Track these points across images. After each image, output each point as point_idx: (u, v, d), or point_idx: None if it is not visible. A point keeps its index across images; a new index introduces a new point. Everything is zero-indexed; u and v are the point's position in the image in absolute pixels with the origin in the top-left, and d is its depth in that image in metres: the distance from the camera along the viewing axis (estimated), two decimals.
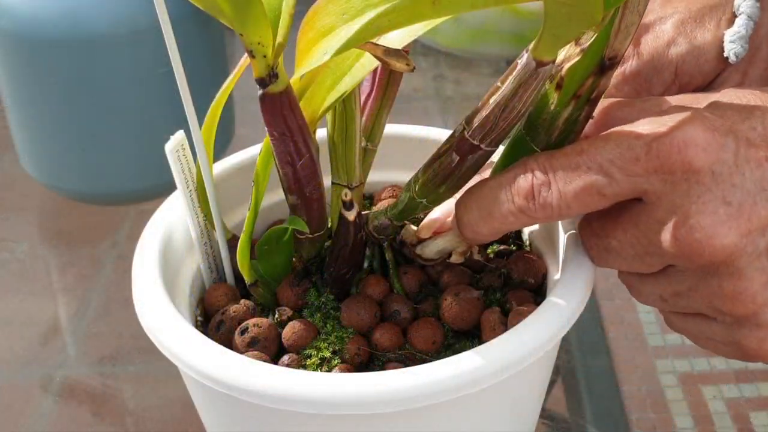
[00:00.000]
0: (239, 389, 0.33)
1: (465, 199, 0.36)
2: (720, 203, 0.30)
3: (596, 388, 0.56)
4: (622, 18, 0.32)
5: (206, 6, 0.30)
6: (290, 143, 0.35)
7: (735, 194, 0.30)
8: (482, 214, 0.35)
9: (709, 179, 0.30)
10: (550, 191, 0.33)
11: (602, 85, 0.34)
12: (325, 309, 0.39)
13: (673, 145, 0.30)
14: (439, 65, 0.95)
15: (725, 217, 0.30)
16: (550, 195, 0.33)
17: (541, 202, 0.33)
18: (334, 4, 0.31)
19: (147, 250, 0.39)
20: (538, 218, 0.34)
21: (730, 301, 0.32)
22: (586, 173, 0.32)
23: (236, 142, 0.73)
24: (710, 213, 0.30)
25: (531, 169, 0.33)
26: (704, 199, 0.31)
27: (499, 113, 0.33)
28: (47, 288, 0.66)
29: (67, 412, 0.55)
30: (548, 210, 0.33)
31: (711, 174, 0.30)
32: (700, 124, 0.31)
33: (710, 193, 0.30)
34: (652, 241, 0.32)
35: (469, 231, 0.36)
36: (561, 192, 0.32)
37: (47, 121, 0.65)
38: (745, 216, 0.30)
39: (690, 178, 0.31)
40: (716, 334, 0.34)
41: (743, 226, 0.30)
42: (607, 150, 0.32)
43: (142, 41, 0.62)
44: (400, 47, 0.33)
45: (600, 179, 0.32)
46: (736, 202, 0.30)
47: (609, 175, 0.31)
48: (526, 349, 0.33)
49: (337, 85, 0.36)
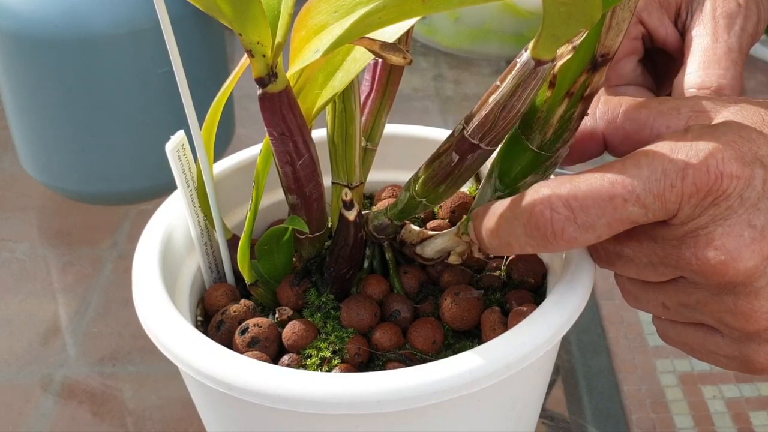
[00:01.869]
0: (239, 389, 0.33)
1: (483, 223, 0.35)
2: (745, 226, 0.31)
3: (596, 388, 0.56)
4: (614, 14, 0.32)
5: (206, 6, 0.30)
6: (290, 143, 0.35)
7: (759, 218, 0.31)
8: (502, 243, 0.34)
9: (738, 204, 0.31)
10: (577, 227, 0.32)
11: (595, 82, 0.34)
12: (326, 309, 0.39)
13: (710, 174, 0.31)
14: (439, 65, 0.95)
15: (749, 240, 0.31)
16: (576, 231, 0.32)
17: (566, 238, 0.32)
18: (326, 3, 0.31)
19: (147, 250, 0.39)
20: (559, 250, 0.33)
21: (743, 318, 0.32)
22: (623, 206, 0.31)
23: (236, 142, 0.73)
24: (736, 236, 0.31)
25: (552, 204, 0.32)
26: (730, 222, 0.31)
27: (499, 112, 0.33)
28: (47, 288, 0.65)
29: (67, 412, 0.55)
30: (573, 243, 0.32)
31: (740, 199, 0.31)
32: (732, 151, 0.31)
33: (736, 216, 0.31)
34: (670, 254, 0.32)
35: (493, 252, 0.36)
36: (592, 225, 0.31)
37: (47, 121, 0.65)
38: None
39: (720, 203, 0.31)
40: (719, 347, 0.35)
41: (766, 249, 0.31)
42: (642, 180, 0.31)
43: (142, 41, 0.62)
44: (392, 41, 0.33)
45: (636, 211, 0.31)
46: (760, 225, 0.31)
47: (646, 206, 0.31)
48: (526, 349, 0.33)
49: (330, 81, 0.36)
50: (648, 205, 0.31)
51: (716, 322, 0.34)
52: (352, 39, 0.31)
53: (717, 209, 0.31)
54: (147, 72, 0.63)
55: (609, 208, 0.31)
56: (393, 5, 0.28)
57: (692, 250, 0.32)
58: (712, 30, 0.41)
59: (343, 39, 0.30)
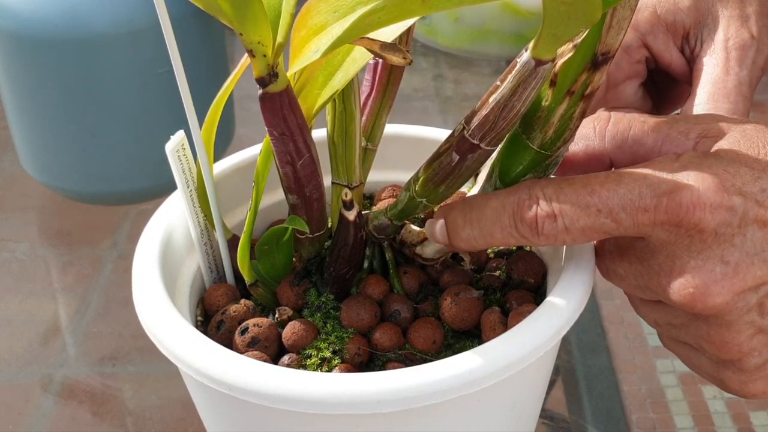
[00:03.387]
0: (239, 389, 0.33)
1: (464, 213, 0.36)
2: (718, 262, 0.31)
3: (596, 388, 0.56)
4: (614, 13, 0.32)
5: (206, 6, 0.30)
6: (290, 143, 0.35)
7: (733, 254, 0.31)
8: (483, 233, 0.35)
9: (712, 239, 0.31)
10: (555, 224, 0.33)
11: (596, 81, 0.34)
12: (325, 309, 0.39)
13: (682, 205, 0.31)
14: (439, 65, 0.95)
15: (720, 276, 0.31)
16: (554, 228, 0.33)
17: (545, 233, 0.33)
18: (326, 3, 0.31)
19: (147, 250, 0.39)
20: (539, 245, 0.35)
21: (716, 347, 0.33)
22: (596, 215, 0.32)
23: (236, 142, 0.73)
24: (707, 270, 0.31)
25: (536, 198, 0.33)
26: (703, 255, 0.31)
27: (499, 112, 0.33)
28: (47, 288, 0.65)
29: (67, 412, 0.55)
30: (551, 240, 0.33)
31: (714, 234, 0.31)
32: (712, 183, 0.31)
33: (710, 250, 0.31)
34: (652, 279, 0.33)
35: (464, 244, 0.36)
36: (567, 228, 0.33)
37: (47, 121, 0.65)
38: (740, 276, 0.31)
39: (694, 235, 0.31)
40: (703, 365, 0.36)
41: (737, 285, 0.31)
42: (618, 196, 0.32)
43: (142, 41, 0.62)
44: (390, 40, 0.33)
45: (608, 223, 0.32)
46: (733, 262, 0.31)
47: (617, 221, 0.32)
48: (526, 349, 0.33)
49: (330, 81, 0.36)
50: (620, 221, 0.32)
51: (697, 345, 0.35)
52: (352, 39, 0.31)
53: (691, 240, 0.32)
54: (147, 72, 0.63)
55: (584, 214, 0.32)
56: (393, 5, 0.28)
57: (666, 278, 0.33)
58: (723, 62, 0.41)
59: (343, 39, 0.30)
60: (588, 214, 0.32)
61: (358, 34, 0.31)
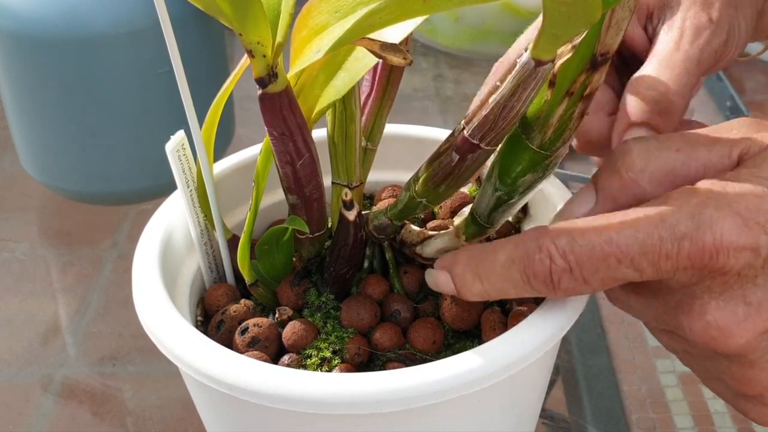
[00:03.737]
0: (239, 389, 0.33)
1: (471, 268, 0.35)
2: (740, 303, 0.31)
3: (596, 388, 0.56)
4: (613, 13, 0.32)
5: (206, 6, 0.30)
6: (290, 143, 0.35)
7: (756, 294, 0.30)
8: (496, 288, 0.34)
9: (734, 280, 0.31)
10: (573, 279, 0.32)
11: (595, 81, 0.34)
12: (326, 309, 0.39)
13: (705, 250, 0.30)
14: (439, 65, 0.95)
15: (743, 317, 0.31)
16: (572, 282, 0.32)
17: (563, 288, 0.32)
18: (327, 3, 0.31)
19: (147, 250, 0.39)
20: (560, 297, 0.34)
21: (739, 383, 0.33)
22: (616, 266, 0.31)
23: (236, 142, 0.73)
24: (729, 312, 0.31)
25: (548, 252, 0.32)
26: (725, 297, 0.31)
27: (499, 112, 0.33)
28: (47, 288, 0.65)
29: (67, 412, 0.55)
30: (570, 293, 0.33)
31: (738, 275, 0.30)
32: (734, 224, 0.30)
33: (732, 291, 0.31)
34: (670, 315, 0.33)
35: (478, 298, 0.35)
36: (587, 280, 0.32)
37: (47, 121, 0.65)
38: (763, 315, 0.30)
39: (716, 278, 0.31)
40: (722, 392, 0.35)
41: (759, 326, 0.31)
42: (638, 244, 0.31)
43: (142, 41, 0.62)
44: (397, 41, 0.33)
45: (630, 272, 0.31)
46: (756, 302, 0.30)
47: (639, 269, 0.31)
48: (526, 349, 0.33)
49: (332, 81, 0.36)
50: (642, 269, 0.31)
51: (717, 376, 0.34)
52: (353, 39, 0.31)
53: (713, 282, 0.31)
54: (147, 72, 0.63)
55: (603, 266, 0.31)
56: (394, 5, 0.28)
57: (687, 319, 0.32)
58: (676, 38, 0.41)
59: (345, 39, 0.30)
60: (608, 266, 0.31)
61: (360, 34, 0.31)
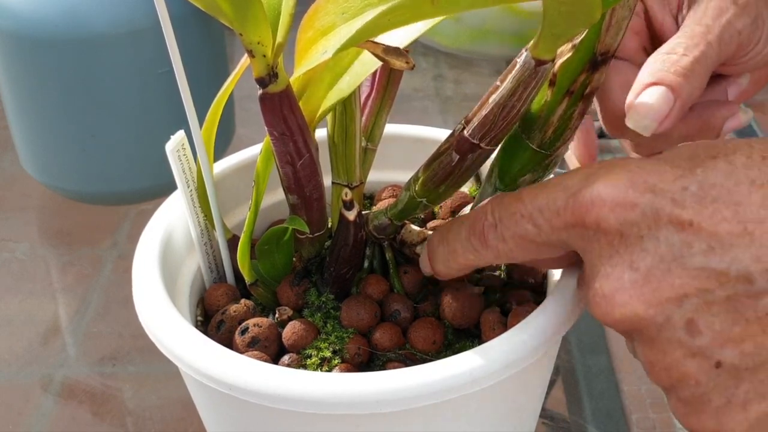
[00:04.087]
0: (239, 389, 0.33)
1: (441, 234, 0.36)
2: (626, 268, 0.28)
3: (596, 388, 0.56)
4: (613, 13, 0.32)
5: (206, 6, 0.30)
6: (290, 143, 0.35)
7: (644, 260, 0.28)
8: (449, 249, 0.35)
9: (618, 241, 0.29)
10: (496, 235, 0.33)
11: (595, 81, 0.34)
12: (326, 309, 0.39)
13: (583, 203, 0.29)
14: (439, 65, 0.95)
15: (628, 284, 0.28)
16: (496, 238, 0.33)
17: (489, 244, 0.33)
18: (334, 4, 0.31)
19: (147, 250, 0.39)
20: (490, 259, 0.34)
21: (650, 370, 0.30)
22: (520, 221, 0.32)
23: (236, 142, 0.73)
24: (615, 278, 0.29)
25: (486, 210, 0.33)
26: (612, 262, 0.29)
27: (499, 112, 0.33)
28: (47, 288, 0.65)
29: (67, 412, 0.55)
30: (495, 252, 0.33)
31: (620, 236, 0.29)
32: (616, 180, 0.29)
33: (618, 256, 0.29)
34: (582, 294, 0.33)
35: (440, 266, 0.36)
36: (504, 237, 0.33)
37: (47, 121, 0.65)
38: (654, 284, 0.28)
39: (600, 238, 0.29)
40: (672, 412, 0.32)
41: (649, 296, 0.28)
42: (537, 201, 0.31)
43: (142, 41, 0.62)
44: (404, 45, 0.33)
45: (530, 229, 0.32)
46: (644, 268, 0.28)
47: (537, 226, 0.31)
48: (526, 349, 0.33)
49: (336, 84, 0.36)
50: (539, 226, 0.31)
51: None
52: (361, 41, 0.31)
53: (600, 245, 0.29)
54: (147, 72, 0.63)
55: (512, 222, 0.32)
56: (403, 7, 0.28)
57: (584, 290, 0.31)
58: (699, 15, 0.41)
59: (353, 41, 0.30)
60: (515, 222, 0.32)
61: (368, 36, 0.31)
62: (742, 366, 0.27)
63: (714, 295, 0.27)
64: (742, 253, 0.27)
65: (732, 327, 0.27)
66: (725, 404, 0.28)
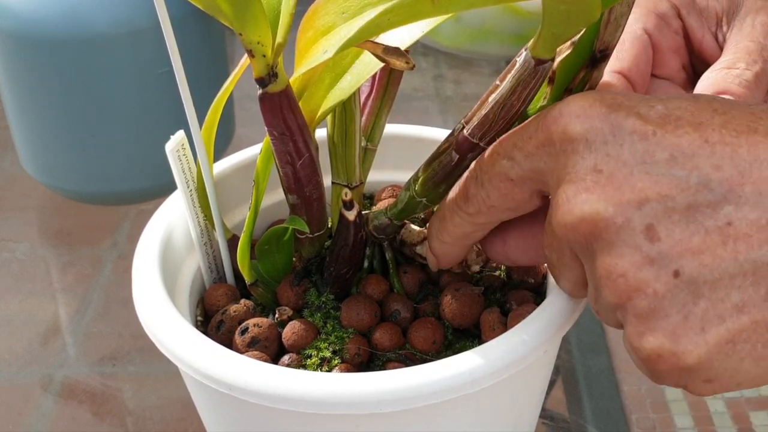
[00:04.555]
0: (239, 389, 0.33)
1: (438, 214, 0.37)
2: (590, 170, 0.29)
3: (596, 388, 0.56)
4: (612, 10, 0.32)
5: (206, 6, 0.30)
6: (290, 143, 0.35)
7: (608, 163, 0.28)
8: (440, 218, 0.36)
9: (583, 147, 0.29)
10: (476, 183, 0.33)
11: (594, 78, 0.33)
12: (326, 309, 0.39)
13: (551, 116, 0.30)
14: (439, 65, 0.95)
15: (591, 183, 0.29)
16: (474, 186, 0.33)
17: (469, 196, 0.33)
18: (334, 4, 0.31)
19: (147, 250, 0.39)
20: (471, 214, 0.34)
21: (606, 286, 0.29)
22: (497, 159, 0.32)
23: (236, 141, 0.73)
24: (578, 179, 0.29)
25: (470, 168, 0.34)
26: (577, 168, 0.29)
27: (498, 111, 0.33)
28: (47, 288, 0.65)
29: (67, 412, 0.55)
30: (475, 203, 0.33)
31: (585, 142, 0.29)
32: (586, 97, 0.30)
33: (583, 161, 0.29)
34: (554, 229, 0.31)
35: (434, 242, 0.37)
36: (482, 182, 0.33)
37: (47, 121, 0.65)
38: (615, 185, 0.28)
39: (567, 148, 0.30)
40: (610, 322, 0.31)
41: (610, 195, 0.28)
42: (514, 135, 0.32)
43: (142, 41, 0.62)
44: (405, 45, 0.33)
45: (505, 163, 0.32)
46: (607, 170, 0.28)
47: (512, 158, 0.32)
48: (526, 349, 0.33)
49: (337, 83, 0.36)
50: (513, 157, 0.31)
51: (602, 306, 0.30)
52: (361, 41, 0.31)
53: (565, 155, 0.30)
54: (147, 72, 0.63)
55: (489, 163, 0.32)
56: (402, 7, 0.28)
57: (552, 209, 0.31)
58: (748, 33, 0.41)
59: (352, 41, 0.30)
60: (492, 163, 0.32)
61: (368, 36, 0.31)
62: (700, 279, 0.27)
63: (675, 201, 0.27)
64: (703, 162, 0.27)
65: (692, 236, 0.27)
66: (682, 321, 0.27)
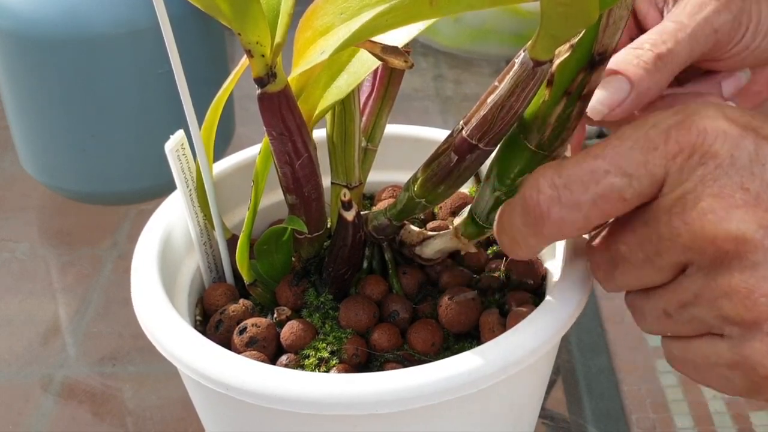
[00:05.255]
0: (237, 389, 0.33)
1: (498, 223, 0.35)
2: (737, 188, 0.28)
3: (596, 388, 0.56)
4: (611, 13, 0.32)
5: (205, 6, 0.30)
6: (289, 143, 0.35)
7: (754, 182, 0.28)
8: (510, 240, 0.34)
9: (728, 163, 0.29)
10: (562, 206, 0.31)
11: (593, 81, 0.33)
12: (324, 309, 0.39)
13: (692, 130, 0.29)
14: (439, 65, 0.95)
15: (741, 202, 0.28)
16: (562, 209, 0.31)
17: (554, 220, 0.31)
18: (332, 4, 0.31)
19: (147, 250, 0.39)
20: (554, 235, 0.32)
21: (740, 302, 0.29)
22: (604, 177, 0.30)
23: (236, 141, 0.73)
24: (726, 196, 0.28)
25: (538, 186, 0.31)
26: (721, 183, 0.29)
27: (497, 113, 0.33)
28: (47, 288, 0.66)
29: (67, 412, 0.55)
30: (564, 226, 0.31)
31: (730, 158, 0.29)
32: (720, 112, 0.30)
33: (728, 177, 0.29)
34: (662, 235, 0.30)
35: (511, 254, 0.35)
36: (577, 203, 0.30)
37: (47, 121, 0.65)
38: (764, 206, 0.28)
39: (708, 162, 0.29)
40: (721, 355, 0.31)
41: (760, 216, 0.28)
42: (625, 147, 0.30)
43: (142, 41, 0.62)
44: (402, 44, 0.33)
45: (619, 181, 0.30)
46: (754, 190, 0.28)
47: (628, 175, 0.30)
48: (525, 349, 0.33)
49: (334, 82, 0.36)
50: (632, 173, 0.30)
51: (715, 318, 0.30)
52: (359, 41, 0.31)
53: (705, 168, 0.29)
54: (147, 72, 0.63)
55: (591, 181, 0.30)
56: (401, 8, 0.28)
57: (680, 217, 0.29)
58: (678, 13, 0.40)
59: (350, 41, 0.30)
60: (597, 181, 0.30)
61: (366, 37, 0.31)
62: None
63: None
64: None
65: None
66: None
